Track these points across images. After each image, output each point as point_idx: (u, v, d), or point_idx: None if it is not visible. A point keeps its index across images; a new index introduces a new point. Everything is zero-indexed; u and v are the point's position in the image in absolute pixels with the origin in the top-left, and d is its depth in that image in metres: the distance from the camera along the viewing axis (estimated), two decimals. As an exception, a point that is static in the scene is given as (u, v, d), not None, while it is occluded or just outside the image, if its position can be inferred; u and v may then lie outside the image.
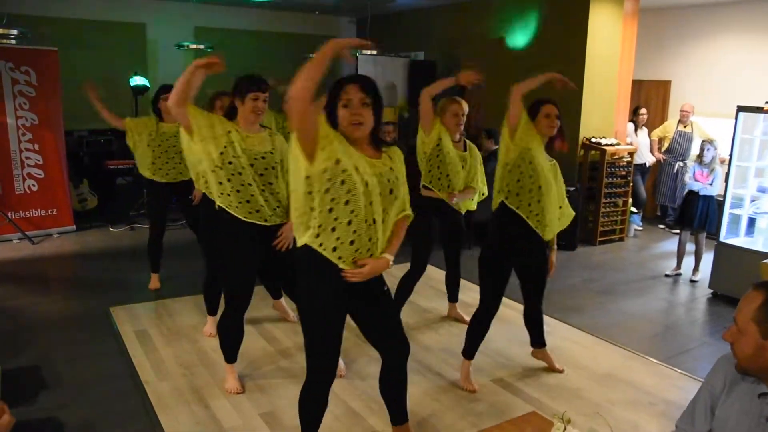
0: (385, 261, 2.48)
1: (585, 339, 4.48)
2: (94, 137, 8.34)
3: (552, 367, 3.91)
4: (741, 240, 5.49)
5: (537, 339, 3.90)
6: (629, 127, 7.83)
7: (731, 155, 5.46)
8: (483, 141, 6.98)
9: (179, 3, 9.46)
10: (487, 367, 3.94)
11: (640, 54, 7.88)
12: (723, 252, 5.44)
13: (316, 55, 2.25)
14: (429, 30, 9.59)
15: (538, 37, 7.62)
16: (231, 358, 3.56)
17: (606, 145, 7.08)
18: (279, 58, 10.65)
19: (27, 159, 6.65)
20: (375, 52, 8.96)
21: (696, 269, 5.96)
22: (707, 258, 5.82)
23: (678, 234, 6.17)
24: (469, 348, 3.69)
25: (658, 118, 8.41)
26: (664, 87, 8.47)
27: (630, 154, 7.35)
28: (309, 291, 2.50)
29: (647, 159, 7.90)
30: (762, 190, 5.50)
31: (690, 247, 6.03)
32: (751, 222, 5.58)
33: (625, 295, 5.51)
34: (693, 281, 5.91)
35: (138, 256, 6.21)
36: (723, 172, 5.75)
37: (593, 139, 7.14)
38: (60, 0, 8.71)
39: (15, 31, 6.43)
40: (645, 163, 7.90)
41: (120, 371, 3.78)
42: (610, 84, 7.30)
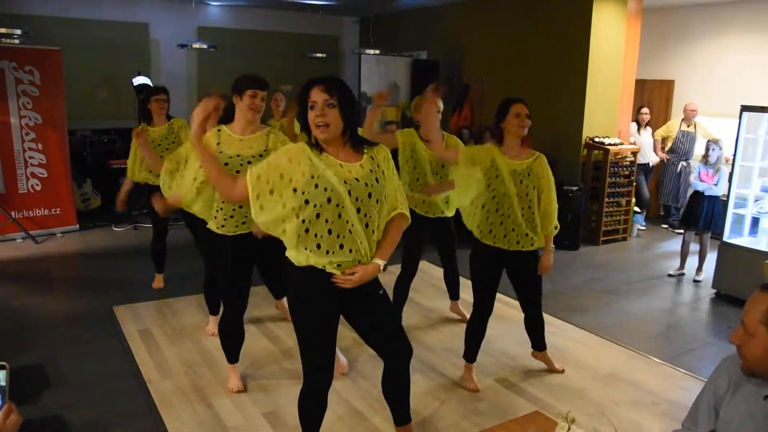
0: (375, 266, 2.46)
1: (588, 339, 4.47)
2: (97, 137, 8.35)
3: (552, 368, 3.90)
4: (744, 240, 5.48)
5: (537, 342, 3.89)
6: (632, 127, 7.82)
7: (735, 155, 5.45)
8: (488, 139, 6.98)
9: (182, 2, 9.46)
10: (491, 367, 3.93)
11: (643, 53, 7.86)
12: (726, 252, 5.43)
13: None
14: (432, 29, 9.58)
15: (541, 37, 7.61)
16: (232, 358, 3.57)
17: (609, 145, 7.06)
18: (282, 58, 10.68)
19: (30, 158, 6.66)
20: (377, 51, 8.94)
21: (699, 269, 5.94)
22: (710, 258, 5.80)
23: (682, 234, 6.16)
24: (469, 352, 3.69)
25: (661, 117, 8.39)
26: (667, 86, 8.46)
27: (633, 153, 7.33)
28: (298, 295, 2.50)
29: (650, 159, 7.88)
30: (766, 189, 5.48)
31: (693, 247, 6.02)
32: (755, 222, 5.56)
33: (629, 295, 5.50)
34: (696, 281, 5.89)
35: (141, 255, 6.22)
36: (728, 172, 5.73)
37: (596, 139, 7.13)
38: (63, 0, 8.73)
39: (18, 31, 6.45)
40: (648, 163, 7.88)
41: (123, 370, 3.79)
42: (613, 83, 7.29)
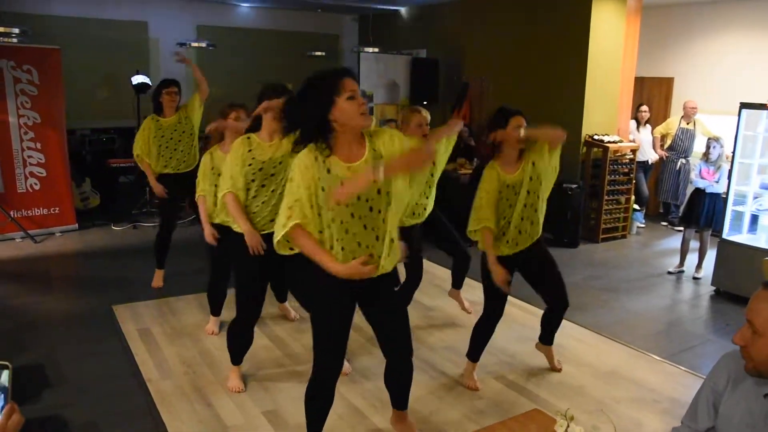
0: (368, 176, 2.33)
1: (588, 336, 4.47)
2: (96, 136, 8.36)
3: (551, 365, 3.90)
4: (744, 237, 5.47)
5: (546, 338, 3.87)
6: (632, 125, 7.82)
7: (734, 152, 5.45)
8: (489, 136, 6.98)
9: (181, 1, 9.46)
10: (491, 365, 3.93)
11: (642, 51, 7.85)
12: (726, 249, 5.43)
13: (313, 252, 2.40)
14: (431, 27, 9.57)
15: (541, 35, 7.60)
16: (237, 360, 3.58)
17: (609, 143, 7.06)
18: (281, 56, 10.66)
19: (29, 158, 6.65)
20: (377, 49, 8.93)
21: (699, 266, 5.94)
22: (710, 255, 5.80)
23: (681, 231, 6.16)
24: (473, 351, 3.69)
25: (660, 115, 8.38)
26: (666, 84, 8.45)
27: (633, 151, 7.33)
28: (317, 289, 2.53)
29: (650, 156, 7.88)
30: (765, 186, 5.47)
31: (693, 245, 6.02)
32: (754, 219, 5.56)
33: (628, 293, 5.50)
34: (696, 278, 5.89)
35: (141, 254, 6.22)
36: (728, 169, 5.73)
37: (596, 137, 7.12)
38: (62, -2, 8.72)
39: (17, 30, 6.44)
40: (647, 161, 7.88)
41: (123, 370, 3.79)
42: (612, 81, 7.28)
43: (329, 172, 2.34)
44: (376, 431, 3.18)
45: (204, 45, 8.55)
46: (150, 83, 8.51)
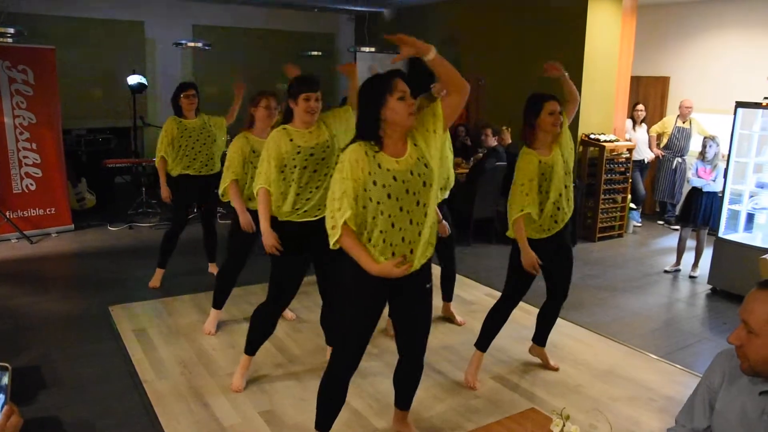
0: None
1: (585, 335, 4.48)
2: (92, 136, 8.33)
3: (547, 365, 3.91)
4: (740, 236, 5.49)
5: (541, 337, 3.90)
6: (628, 124, 7.83)
7: (730, 151, 5.46)
8: (488, 137, 6.98)
9: (177, 1, 9.45)
10: (487, 364, 3.92)
11: (638, 50, 7.87)
12: (722, 248, 5.44)
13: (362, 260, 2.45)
14: (428, 27, 9.57)
15: (536, 34, 7.61)
16: (252, 350, 3.55)
17: (605, 142, 7.07)
18: (277, 56, 10.65)
19: (25, 158, 6.63)
20: (373, 49, 8.95)
21: (695, 265, 5.96)
22: (706, 254, 5.82)
23: (677, 230, 6.17)
24: (483, 339, 3.69)
25: (656, 114, 8.40)
26: (662, 83, 8.47)
27: (629, 150, 7.35)
28: (355, 284, 2.56)
29: (646, 155, 7.89)
30: (761, 185, 5.49)
31: (690, 243, 6.03)
32: (750, 218, 5.58)
33: (625, 292, 5.51)
34: (692, 277, 5.91)
35: (137, 254, 6.22)
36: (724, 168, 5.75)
37: (592, 136, 7.13)
38: (57, -2, 8.70)
39: (12, 30, 6.41)
40: (644, 160, 7.90)
41: (119, 370, 3.78)
42: (608, 80, 7.29)
43: (380, 167, 2.42)
44: (372, 431, 3.18)
45: (200, 45, 8.53)
46: (146, 83, 8.50)
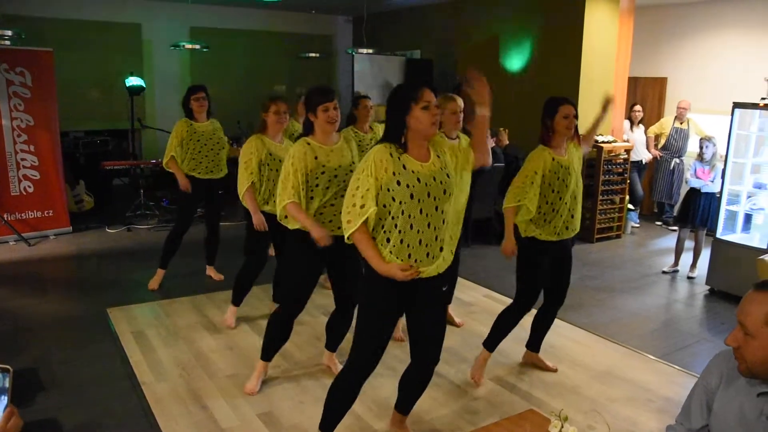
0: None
1: (583, 336, 4.48)
2: (90, 138, 8.33)
3: (546, 368, 3.91)
4: (738, 236, 5.50)
5: (535, 342, 3.91)
6: (625, 125, 7.84)
7: (727, 152, 5.47)
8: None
9: (174, 3, 9.45)
10: (486, 365, 3.93)
11: (636, 51, 7.88)
12: (720, 248, 5.45)
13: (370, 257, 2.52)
14: (425, 28, 9.58)
15: (534, 35, 7.62)
16: (268, 356, 3.59)
17: (603, 143, 7.08)
18: (275, 57, 10.66)
19: (23, 160, 6.63)
20: (371, 50, 8.96)
21: (693, 266, 5.96)
22: (704, 254, 5.82)
23: (675, 231, 6.17)
24: (491, 340, 3.72)
25: (654, 115, 8.42)
26: (660, 84, 8.49)
27: (627, 151, 7.35)
28: (371, 285, 2.62)
29: (644, 156, 7.91)
30: (758, 186, 5.50)
31: (688, 244, 6.04)
32: (748, 218, 5.58)
33: (623, 292, 5.51)
34: (690, 278, 5.91)
35: (135, 256, 6.21)
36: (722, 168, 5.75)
37: (590, 137, 7.14)
38: (55, 1, 8.69)
39: (9, 32, 6.41)
40: (642, 160, 7.91)
41: (117, 372, 3.77)
42: (606, 81, 7.30)
43: (405, 167, 2.49)
44: (371, 432, 3.18)
45: (198, 47, 8.53)
46: (144, 85, 8.50)
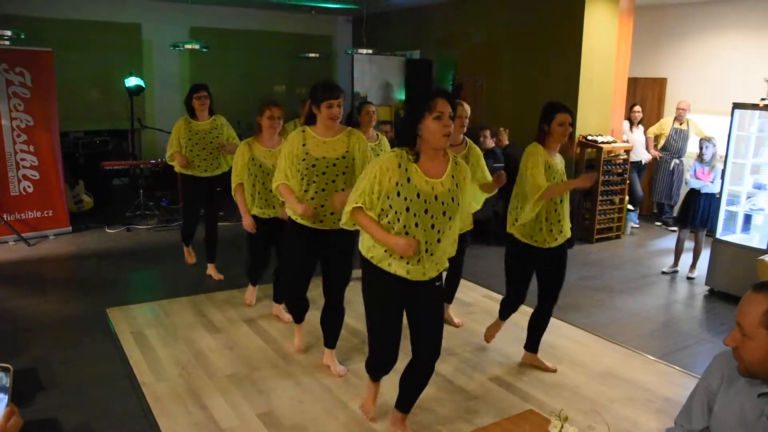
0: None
1: (583, 337, 4.48)
2: (89, 138, 8.32)
3: (545, 369, 3.91)
4: (737, 237, 5.49)
5: (532, 343, 3.93)
6: (625, 125, 7.84)
7: (727, 152, 5.47)
8: (486, 139, 7.05)
9: (174, 3, 9.44)
10: (485, 365, 3.94)
11: (636, 51, 7.88)
12: (719, 249, 5.44)
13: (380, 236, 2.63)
14: (425, 28, 9.59)
15: (534, 36, 7.62)
16: (298, 320, 4.02)
17: (602, 143, 7.08)
18: (275, 58, 10.66)
19: (22, 160, 6.62)
20: (370, 51, 8.97)
21: (693, 266, 5.96)
22: (704, 255, 5.82)
23: (675, 231, 6.17)
24: (503, 312, 4.03)
25: (654, 115, 8.41)
26: (659, 84, 8.49)
27: (626, 151, 7.36)
28: (369, 284, 2.82)
29: (643, 156, 7.90)
30: (758, 186, 5.50)
31: (688, 245, 6.04)
32: (747, 219, 5.58)
33: (623, 293, 5.51)
34: (690, 278, 5.91)
35: (134, 256, 6.21)
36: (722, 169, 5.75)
37: (589, 137, 7.14)
38: (55, 1, 8.69)
39: (8, 32, 6.40)
40: (641, 161, 7.90)
41: (117, 372, 3.77)
42: (606, 82, 7.31)
43: (409, 181, 2.57)
44: (370, 431, 3.18)
45: (198, 47, 8.53)
46: (144, 85, 8.50)
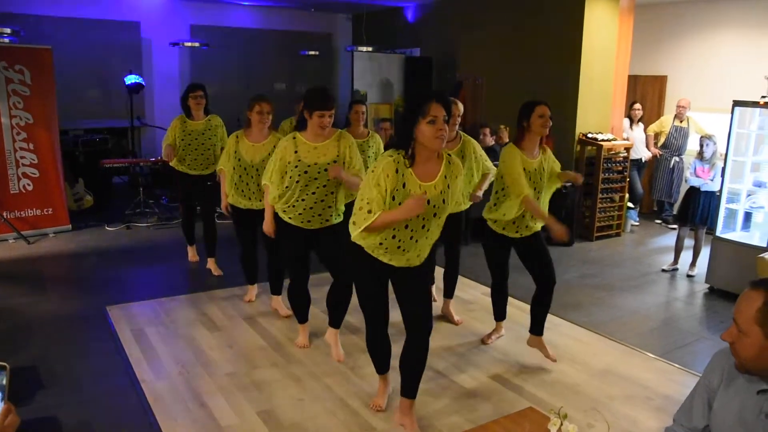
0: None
1: (583, 335, 4.48)
2: (89, 136, 8.31)
3: (546, 355, 3.91)
4: (737, 234, 5.49)
5: (535, 326, 3.92)
6: (625, 123, 7.83)
7: (727, 150, 5.46)
8: (485, 137, 7.05)
9: (174, 1, 9.43)
10: (484, 364, 3.94)
11: (636, 49, 7.88)
12: (719, 247, 5.44)
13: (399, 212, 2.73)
14: (425, 26, 9.57)
15: (535, 33, 7.61)
16: (301, 319, 4.07)
17: (602, 141, 7.08)
18: (275, 55, 10.65)
19: (22, 158, 6.62)
20: (370, 48, 8.95)
21: (693, 264, 5.96)
22: (704, 253, 5.82)
23: (675, 229, 6.17)
24: (497, 311, 4.22)
25: (654, 113, 8.40)
26: (660, 82, 8.48)
27: (626, 149, 7.35)
28: (356, 266, 2.99)
29: (643, 154, 7.89)
30: (758, 184, 5.50)
31: (687, 243, 6.04)
32: (747, 216, 5.58)
33: (623, 291, 5.51)
34: (690, 276, 5.91)
35: (134, 254, 6.21)
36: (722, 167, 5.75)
37: (589, 135, 7.14)
38: (54, -2, 8.68)
39: (8, 30, 6.40)
40: (641, 159, 7.89)
41: (117, 370, 3.77)
42: (606, 79, 7.30)
43: (404, 186, 2.71)
44: (370, 430, 3.18)
45: (197, 45, 8.52)
46: (143, 83, 8.49)
